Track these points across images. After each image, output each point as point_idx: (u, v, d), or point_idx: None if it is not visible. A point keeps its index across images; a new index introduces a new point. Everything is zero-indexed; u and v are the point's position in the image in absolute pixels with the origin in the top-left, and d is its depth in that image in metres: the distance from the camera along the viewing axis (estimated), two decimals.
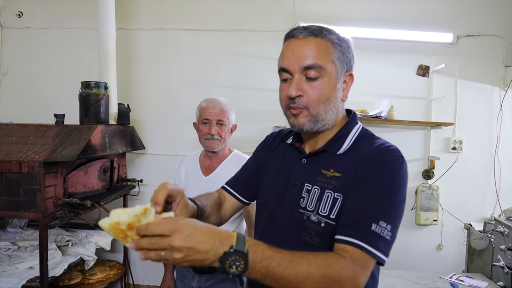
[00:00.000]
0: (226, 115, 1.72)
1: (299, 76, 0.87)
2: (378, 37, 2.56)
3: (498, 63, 2.62)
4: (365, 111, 2.53)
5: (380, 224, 0.77)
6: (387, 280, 1.87)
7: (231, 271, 0.64)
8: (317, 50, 0.86)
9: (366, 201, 0.80)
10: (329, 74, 0.87)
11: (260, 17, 2.65)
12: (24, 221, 2.16)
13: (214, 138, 1.69)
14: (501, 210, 2.51)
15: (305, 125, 0.88)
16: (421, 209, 2.64)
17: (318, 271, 0.70)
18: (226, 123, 1.72)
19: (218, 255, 0.64)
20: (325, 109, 0.88)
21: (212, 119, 1.69)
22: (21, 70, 2.75)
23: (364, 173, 0.83)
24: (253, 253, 0.66)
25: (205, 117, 1.70)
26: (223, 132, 1.71)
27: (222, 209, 1.08)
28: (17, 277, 1.63)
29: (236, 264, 0.64)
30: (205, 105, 1.73)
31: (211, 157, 1.77)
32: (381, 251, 0.77)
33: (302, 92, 0.86)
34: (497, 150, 2.62)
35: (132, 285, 2.65)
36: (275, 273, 0.68)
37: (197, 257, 0.64)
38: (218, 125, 1.70)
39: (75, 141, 1.69)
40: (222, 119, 1.70)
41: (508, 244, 2.02)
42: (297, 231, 0.89)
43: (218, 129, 1.69)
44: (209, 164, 1.78)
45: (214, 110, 1.70)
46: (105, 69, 2.19)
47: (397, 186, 0.82)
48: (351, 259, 0.74)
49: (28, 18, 2.74)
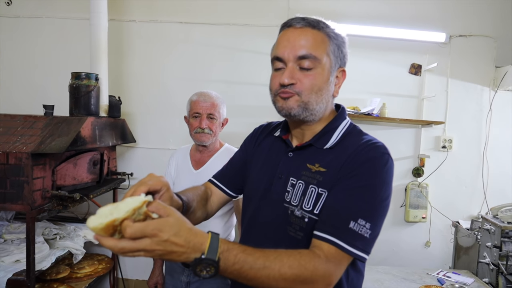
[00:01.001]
0: (217, 109, 1.71)
1: (293, 65, 0.86)
2: (372, 35, 2.57)
3: (489, 64, 2.65)
4: (357, 108, 2.54)
5: (358, 222, 0.77)
6: (375, 275, 1.89)
7: (201, 274, 0.65)
8: (313, 41, 0.86)
9: (347, 198, 0.80)
10: (323, 66, 0.87)
11: (254, 12, 2.63)
12: (11, 213, 2.12)
13: (204, 132, 1.68)
14: (488, 208, 2.56)
15: (293, 109, 0.87)
16: (410, 206, 2.68)
17: (291, 272, 0.71)
18: (217, 117, 1.71)
19: (189, 260, 0.65)
20: (317, 100, 0.88)
21: (202, 113, 1.68)
22: (9, 59, 2.69)
23: (349, 169, 0.82)
24: (224, 259, 0.67)
25: (196, 111, 1.69)
26: (213, 126, 1.70)
27: (209, 203, 1.07)
28: (3, 270, 1.60)
29: (206, 269, 0.65)
30: (196, 98, 1.72)
31: (202, 151, 1.76)
32: (359, 248, 0.77)
33: (295, 81, 0.86)
34: (486, 149, 2.67)
35: (121, 280, 2.63)
36: (247, 275, 0.69)
37: (171, 257, 0.64)
38: (208, 119, 1.69)
39: (64, 132, 1.66)
40: (213, 113, 1.69)
41: (494, 242, 2.06)
42: (282, 226, 0.89)
43: (208, 123, 1.68)
44: (199, 158, 1.77)
45: (205, 104, 1.68)
46: (97, 61, 2.15)
47: (380, 183, 0.81)
48: (325, 257, 0.74)
49: (18, 7, 2.68)
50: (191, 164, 1.77)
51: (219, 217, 1.71)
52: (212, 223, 1.63)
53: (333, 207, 0.80)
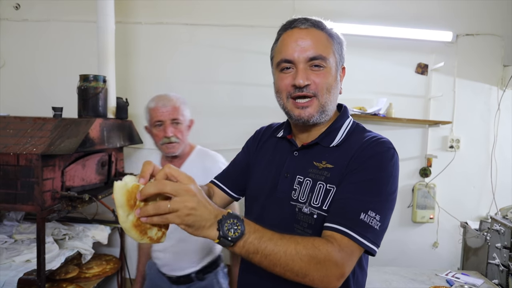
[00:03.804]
0: (180, 111, 1.54)
1: (304, 66, 0.87)
2: (378, 35, 2.56)
3: (496, 63, 2.63)
4: (364, 109, 2.53)
5: (369, 214, 0.77)
6: (383, 276, 1.88)
7: (229, 235, 0.65)
8: (320, 41, 0.87)
9: (356, 191, 0.80)
10: (330, 65, 0.88)
11: (259, 13, 2.64)
12: (21, 214, 2.15)
13: (171, 141, 1.52)
14: (497, 208, 2.53)
15: (313, 116, 0.88)
16: (417, 207, 2.66)
17: (305, 251, 0.70)
18: (182, 121, 1.55)
19: (217, 218, 0.65)
20: (331, 99, 0.89)
21: (165, 119, 1.51)
22: (18, 63, 2.73)
23: (356, 164, 0.83)
24: (247, 223, 0.68)
25: (157, 119, 1.52)
26: (180, 133, 1.54)
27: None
28: (14, 270, 1.62)
29: (234, 228, 0.65)
30: (154, 105, 1.54)
31: (172, 160, 1.62)
32: (370, 240, 0.77)
33: (310, 81, 0.86)
34: (494, 149, 2.64)
35: (128, 280, 2.64)
36: (266, 246, 0.68)
37: (203, 213, 0.63)
38: (173, 125, 1.53)
39: (73, 134, 1.68)
40: (176, 117, 1.53)
41: (503, 242, 2.04)
42: (289, 224, 0.89)
43: (174, 130, 1.52)
44: None
45: (166, 109, 1.51)
46: (104, 63, 2.17)
47: (386, 177, 0.82)
48: (339, 246, 0.74)
49: (26, 10, 2.71)
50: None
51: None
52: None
53: (343, 200, 0.81)
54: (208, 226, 0.64)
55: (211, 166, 1.55)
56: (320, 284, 0.72)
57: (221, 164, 1.58)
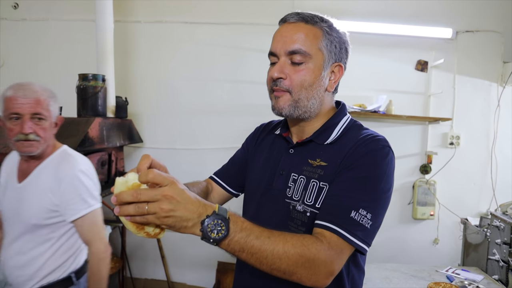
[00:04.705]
0: (44, 105, 1.30)
1: (285, 59, 0.87)
2: (378, 32, 2.56)
3: (496, 59, 2.62)
4: (364, 106, 2.53)
5: (360, 212, 0.77)
6: (384, 273, 1.89)
7: (212, 236, 0.63)
8: (305, 36, 0.86)
9: (348, 188, 0.80)
10: (314, 61, 0.87)
11: (259, 11, 2.63)
12: None
13: (29, 138, 1.26)
14: (497, 204, 2.53)
15: (284, 109, 0.88)
16: (418, 203, 2.66)
17: (294, 250, 0.70)
18: (46, 117, 1.31)
19: (201, 217, 0.64)
20: (307, 96, 0.87)
21: (23, 112, 1.26)
22: (17, 62, 2.73)
23: (349, 162, 0.83)
24: (233, 222, 0.66)
25: (13, 111, 1.26)
26: (42, 130, 1.29)
27: (209, 198, 1.08)
28: None
29: (217, 228, 0.64)
30: (11, 94, 1.29)
31: (27, 159, 1.36)
32: (360, 239, 0.76)
33: (285, 75, 0.86)
34: (494, 145, 2.64)
35: (129, 278, 2.65)
36: (253, 245, 0.68)
37: (186, 214, 0.63)
38: (34, 121, 1.28)
39: (72, 133, 1.68)
40: (39, 111, 1.28)
41: (503, 238, 2.04)
42: (284, 221, 0.89)
43: (35, 127, 1.28)
44: (26, 167, 1.36)
45: (26, 101, 1.27)
46: (103, 62, 2.17)
47: (380, 175, 0.81)
48: (328, 244, 0.74)
49: (24, 10, 2.71)
50: (16, 175, 1.37)
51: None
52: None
53: (334, 197, 0.81)
54: (191, 226, 0.64)
55: (64, 176, 1.31)
56: (308, 282, 0.72)
57: (78, 172, 1.33)
